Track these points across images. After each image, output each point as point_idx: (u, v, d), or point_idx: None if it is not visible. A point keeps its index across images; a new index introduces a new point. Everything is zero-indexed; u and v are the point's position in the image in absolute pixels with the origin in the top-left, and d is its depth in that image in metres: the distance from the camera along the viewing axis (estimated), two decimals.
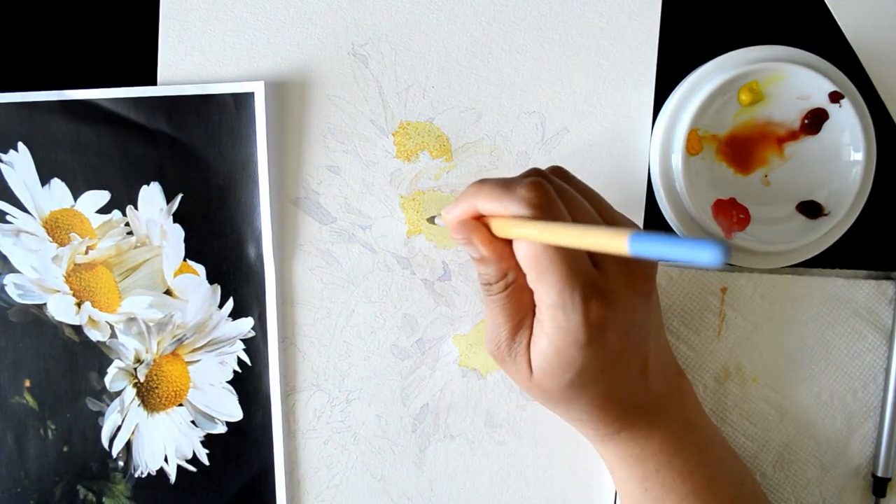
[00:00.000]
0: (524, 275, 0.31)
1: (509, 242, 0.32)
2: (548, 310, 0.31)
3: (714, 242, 0.19)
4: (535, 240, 0.30)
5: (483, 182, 0.32)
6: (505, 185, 0.31)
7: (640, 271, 0.33)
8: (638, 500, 0.36)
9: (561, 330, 0.31)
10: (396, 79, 0.42)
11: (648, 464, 0.35)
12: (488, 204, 0.32)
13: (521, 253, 0.31)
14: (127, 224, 0.42)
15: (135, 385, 0.43)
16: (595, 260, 0.31)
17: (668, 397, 0.35)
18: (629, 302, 0.32)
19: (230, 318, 0.42)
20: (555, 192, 0.31)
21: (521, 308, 0.33)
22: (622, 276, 0.32)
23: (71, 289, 0.42)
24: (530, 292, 0.32)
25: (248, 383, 0.42)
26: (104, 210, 0.42)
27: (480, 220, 0.33)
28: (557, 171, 0.35)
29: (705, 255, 0.19)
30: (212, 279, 0.42)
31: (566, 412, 0.35)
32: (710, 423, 0.37)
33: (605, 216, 0.34)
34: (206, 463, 0.43)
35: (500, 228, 0.32)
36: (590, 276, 0.30)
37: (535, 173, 0.33)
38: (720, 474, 0.36)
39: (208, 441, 0.43)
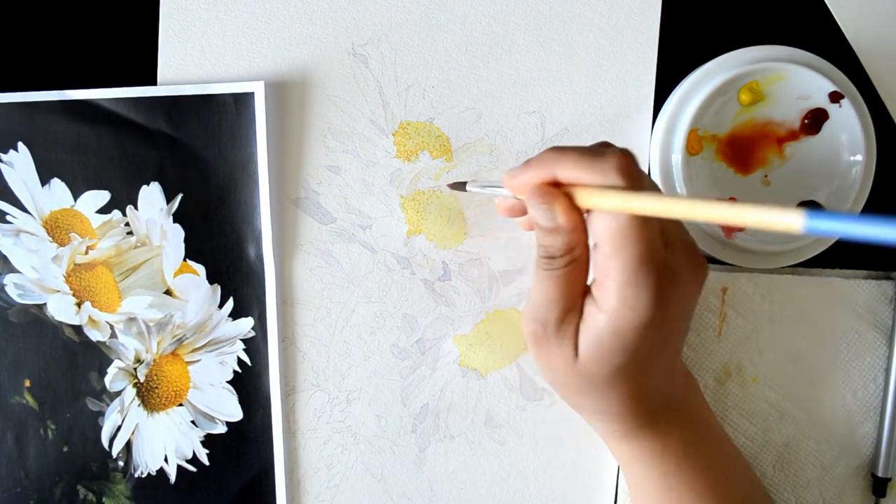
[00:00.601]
0: (587, 250, 0.30)
1: (580, 214, 0.30)
2: (617, 287, 0.29)
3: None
4: (653, 213, 0.27)
5: (563, 149, 0.30)
6: (590, 152, 0.29)
7: (699, 257, 0.31)
8: (658, 498, 0.35)
9: (626, 308, 0.29)
10: (396, 79, 0.42)
11: (668, 460, 0.34)
12: (573, 172, 0.29)
13: (605, 224, 0.29)
14: (127, 224, 0.42)
15: (135, 385, 0.43)
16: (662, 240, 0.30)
17: (685, 394, 0.35)
18: (690, 287, 0.30)
19: (230, 318, 0.42)
20: None
21: (576, 286, 0.31)
22: (686, 260, 0.30)
23: (71, 289, 0.42)
24: (585, 273, 0.31)
25: (248, 383, 0.42)
26: (104, 210, 0.42)
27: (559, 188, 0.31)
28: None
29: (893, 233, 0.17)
30: (212, 279, 0.42)
31: (595, 403, 0.33)
32: (719, 422, 0.37)
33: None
34: (206, 463, 0.43)
35: (588, 199, 0.29)
36: (664, 256, 0.29)
37: (609, 144, 0.32)
38: (734, 471, 0.36)
39: (208, 441, 0.43)
